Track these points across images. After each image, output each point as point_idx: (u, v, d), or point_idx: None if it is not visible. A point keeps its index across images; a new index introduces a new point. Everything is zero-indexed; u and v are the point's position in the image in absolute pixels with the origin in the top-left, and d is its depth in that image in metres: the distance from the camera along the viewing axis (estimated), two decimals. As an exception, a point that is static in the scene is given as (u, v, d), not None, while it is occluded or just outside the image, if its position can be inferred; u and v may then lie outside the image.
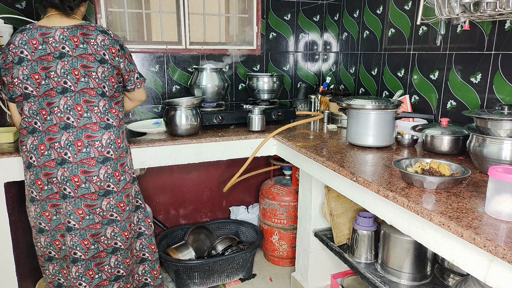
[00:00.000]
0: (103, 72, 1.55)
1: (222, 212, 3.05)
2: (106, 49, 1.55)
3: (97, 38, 1.53)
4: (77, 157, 1.53)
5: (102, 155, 1.57)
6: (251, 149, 2.24)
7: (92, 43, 1.53)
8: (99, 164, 1.57)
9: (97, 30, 1.55)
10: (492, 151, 1.43)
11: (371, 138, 1.88)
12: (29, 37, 1.51)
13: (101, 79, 1.55)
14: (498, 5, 1.51)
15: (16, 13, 2.28)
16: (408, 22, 2.32)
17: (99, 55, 1.53)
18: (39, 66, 1.51)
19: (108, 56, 1.55)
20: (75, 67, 1.51)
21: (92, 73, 1.53)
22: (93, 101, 1.55)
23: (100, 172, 1.57)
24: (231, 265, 2.41)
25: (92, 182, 1.56)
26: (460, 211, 1.15)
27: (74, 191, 1.55)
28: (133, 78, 1.70)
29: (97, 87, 1.55)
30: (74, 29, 1.53)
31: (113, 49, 1.56)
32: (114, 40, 1.58)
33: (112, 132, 1.60)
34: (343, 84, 2.99)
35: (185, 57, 2.74)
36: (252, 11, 2.88)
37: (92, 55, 1.52)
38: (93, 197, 1.58)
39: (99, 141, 1.56)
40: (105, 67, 1.55)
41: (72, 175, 1.54)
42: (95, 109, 1.56)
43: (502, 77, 1.79)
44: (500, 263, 0.99)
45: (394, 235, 1.71)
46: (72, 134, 1.53)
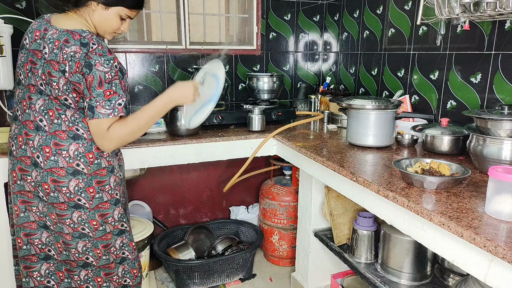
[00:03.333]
0: (64, 84, 1.38)
1: (222, 212, 3.05)
2: (71, 61, 1.36)
3: (71, 47, 1.36)
4: (47, 164, 1.43)
5: (71, 167, 1.44)
6: (251, 149, 2.24)
7: (64, 52, 1.36)
8: (69, 175, 1.44)
9: (80, 41, 1.37)
10: (492, 151, 1.43)
11: (371, 138, 1.88)
12: (37, 26, 1.46)
13: (61, 91, 1.39)
14: (498, 5, 1.51)
15: (16, 13, 2.29)
16: (408, 22, 2.32)
17: (64, 65, 1.36)
18: (29, 58, 1.44)
19: (68, 69, 1.36)
20: (44, 72, 1.40)
21: (53, 83, 1.39)
22: (60, 109, 1.43)
23: (70, 184, 1.44)
24: (231, 265, 2.41)
25: (61, 192, 1.45)
26: (460, 211, 1.15)
27: (45, 196, 1.47)
28: (84, 105, 1.43)
29: (60, 98, 1.41)
30: (64, 33, 1.39)
31: (79, 64, 1.36)
32: (86, 56, 1.36)
33: (81, 144, 1.45)
34: (343, 84, 2.99)
35: (185, 57, 2.74)
36: (252, 11, 2.88)
37: (57, 63, 1.37)
38: (62, 207, 1.47)
39: (66, 151, 1.43)
40: (67, 79, 1.38)
41: (43, 182, 1.44)
42: (62, 117, 1.43)
43: (502, 77, 1.79)
44: (500, 263, 0.99)
45: (394, 235, 1.71)
46: (42, 137, 1.43)
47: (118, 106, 1.41)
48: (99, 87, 1.37)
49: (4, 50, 2.16)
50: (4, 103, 2.36)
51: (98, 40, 1.40)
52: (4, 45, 2.15)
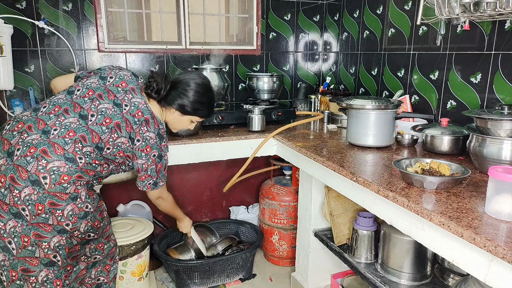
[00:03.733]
0: (123, 143, 1.57)
1: (222, 212, 3.05)
2: (144, 142, 1.58)
3: (149, 133, 1.58)
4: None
5: (36, 174, 1.38)
6: (251, 149, 2.24)
7: (142, 129, 1.57)
8: (28, 182, 1.37)
9: (158, 132, 1.60)
10: (492, 151, 1.43)
11: (371, 138, 1.88)
12: (119, 73, 1.65)
13: (114, 143, 1.55)
14: (498, 5, 1.51)
15: (16, 13, 2.29)
16: (408, 22, 2.32)
17: (134, 134, 1.57)
18: (98, 93, 1.55)
19: (139, 145, 1.59)
20: (110, 116, 1.54)
21: (115, 133, 1.54)
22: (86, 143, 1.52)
23: (23, 191, 1.36)
24: (231, 265, 2.41)
25: (11, 193, 1.36)
26: (460, 211, 1.15)
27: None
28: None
29: (105, 147, 1.55)
30: (148, 111, 1.59)
31: (150, 150, 1.60)
32: (159, 148, 1.62)
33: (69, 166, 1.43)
34: (343, 84, 2.99)
35: (185, 57, 2.74)
36: (252, 11, 2.88)
37: (131, 128, 1.56)
38: (4, 208, 1.37)
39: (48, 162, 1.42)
40: (130, 144, 1.58)
41: (6, 173, 1.38)
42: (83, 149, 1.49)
43: (502, 77, 1.79)
44: (500, 263, 0.99)
45: (394, 235, 1.71)
46: (50, 159, 1.43)
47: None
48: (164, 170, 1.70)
49: (4, 50, 2.16)
50: (4, 103, 2.36)
51: (167, 138, 1.67)
52: (4, 45, 2.15)
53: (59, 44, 2.44)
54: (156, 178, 1.69)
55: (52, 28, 2.39)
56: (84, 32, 2.48)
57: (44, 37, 2.40)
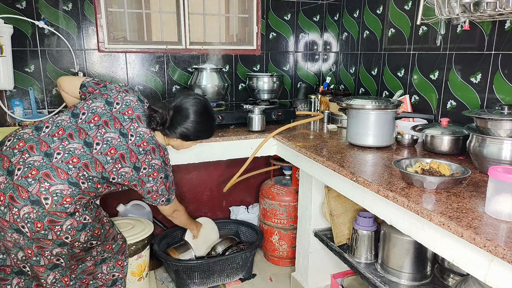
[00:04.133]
0: (126, 172, 1.58)
1: (222, 212, 3.05)
2: (150, 169, 1.62)
3: (155, 160, 1.62)
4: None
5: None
6: (251, 149, 2.24)
7: (148, 158, 1.60)
8: (28, 201, 1.40)
9: (163, 159, 1.65)
10: (492, 151, 1.43)
11: (371, 138, 1.88)
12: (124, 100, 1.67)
13: (118, 171, 1.56)
14: (498, 5, 1.51)
15: (16, 13, 2.29)
16: (408, 22, 2.32)
17: (140, 163, 1.59)
18: (104, 119, 1.56)
19: (144, 173, 1.62)
20: (115, 147, 1.54)
21: (119, 163, 1.55)
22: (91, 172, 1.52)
23: (22, 209, 1.38)
24: (231, 265, 2.41)
25: (10, 212, 1.38)
26: (460, 211, 1.15)
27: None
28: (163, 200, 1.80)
29: (108, 175, 1.55)
30: (153, 141, 1.63)
31: (157, 175, 1.65)
32: (165, 171, 1.69)
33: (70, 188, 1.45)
34: (343, 84, 2.99)
35: (185, 57, 2.74)
36: (252, 11, 2.88)
37: (136, 157, 1.58)
38: (4, 224, 1.40)
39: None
40: (134, 173, 1.59)
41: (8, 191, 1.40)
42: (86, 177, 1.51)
43: (502, 77, 1.79)
44: (500, 263, 0.99)
45: (394, 235, 1.71)
46: (51, 181, 1.44)
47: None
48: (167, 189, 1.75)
49: (4, 50, 2.16)
50: (4, 103, 2.36)
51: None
52: (4, 45, 2.16)
53: (59, 44, 2.44)
54: (168, 195, 1.76)
55: (52, 28, 2.39)
56: (84, 32, 2.48)
57: (44, 37, 2.40)
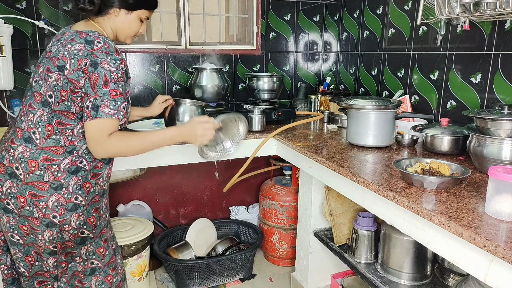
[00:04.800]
0: (56, 80, 1.33)
1: (222, 212, 3.05)
2: (73, 59, 1.31)
3: (75, 45, 1.32)
4: (29, 177, 1.34)
5: (11, 167, 1.34)
6: (251, 149, 2.24)
7: (67, 48, 1.33)
8: (6, 175, 1.34)
9: (85, 39, 1.33)
10: (492, 151, 1.43)
11: (371, 138, 1.88)
12: (60, 33, 1.46)
13: (50, 87, 1.34)
14: (498, 5, 1.52)
15: (16, 13, 2.29)
16: (408, 22, 2.32)
17: (62, 61, 1.32)
18: (47, 66, 1.39)
19: (70, 66, 1.31)
20: (43, 69, 1.37)
21: (48, 78, 1.34)
22: (33, 108, 1.36)
23: (4, 185, 1.34)
24: (231, 265, 2.41)
25: (37, 207, 1.35)
26: (460, 211, 1.15)
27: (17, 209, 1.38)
28: (84, 105, 1.33)
29: (44, 94, 1.35)
30: (73, 33, 1.38)
31: (81, 61, 1.30)
32: (91, 54, 1.31)
33: (29, 148, 1.33)
34: (343, 84, 2.99)
35: (185, 57, 2.74)
36: (252, 11, 2.88)
37: (57, 59, 1.33)
38: (35, 223, 1.37)
39: (13, 150, 1.35)
40: (61, 75, 1.32)
41: (19, 194, 1.36)
42: (29, 116, 1.36)
43: (502, 77, 1.79)
44: (500, 263, 0.99)
45: (394, 235, 1.71)
46: (31, 151, 1.35)
47: (122, 109, 1.35)
48: (105, 86, 1.30)
49: (4, 50, 2.16)
50: (4, 103, 2.36)
51: (104, 39, 1.35)
52: (4, 45, 2.16)
53: (59, 44, 2.44)
54: (95, 98, 1.31)
55: (52, 28, 2.38)
56: (84, 32, 2.48)
57: (44, 37, 2.40)
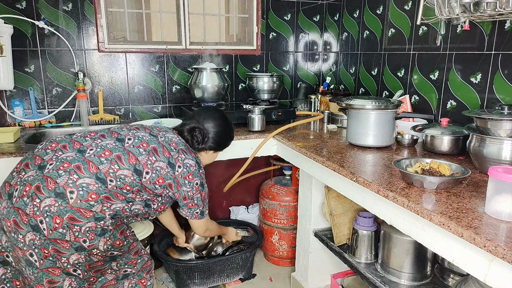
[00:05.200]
0: (161, 185, 1.55)
1: (222, 212, 3.05)
2: (189, 183, 1.63)
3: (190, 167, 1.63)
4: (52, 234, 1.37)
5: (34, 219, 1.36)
6: (251, 149, 2.24)
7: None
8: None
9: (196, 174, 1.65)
10: (492, 151, 1.43)
11: (371, 138, 1.88)
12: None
13: (157, 188, 1.55)
14: (498, 5, 1.51)
15: (16, 13, 2.29)
16: (408, 22, 2.32)
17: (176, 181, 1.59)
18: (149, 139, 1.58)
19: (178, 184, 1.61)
20: (149, 159, 1.53)
21: (157, 176, 1.53)
22: (83, 173, 1.43)
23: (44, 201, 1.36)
24: (231, 265, 2.41)
25: (32, 202, 1.36)
26: (460, 211, 1.15)
27: (17, 197, 1.39)
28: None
29: (148, 192, 1.55)
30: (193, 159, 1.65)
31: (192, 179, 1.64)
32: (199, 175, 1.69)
33: (58, 203, 1.37)
34: (343, 84, 2.99)
35: (185, 57, 2.74)
36: (252, 11, 2.88)
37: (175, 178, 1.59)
38: (24, 218, 1.36)
39: (39, 201, 1.38)
40: (173, 189, 1.60)
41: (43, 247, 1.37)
42: (73, 176, 1.42)
43: (502, 77, 1.79)
44: (500, 263, 0.99)
45: (394, 235, 1.71)
46: (60, 207, 1.39)
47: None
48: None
49: (4, 50, 2.16)
50: (4, 103, 2.36)
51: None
52: (4, 45, 2.16)
53: (59, 44, 2.44)
54: (202, 207, 1.73)
55: (52, 28, 2.39)
56: (84, 32, 2.48)
57: (44, 37, 2.40)
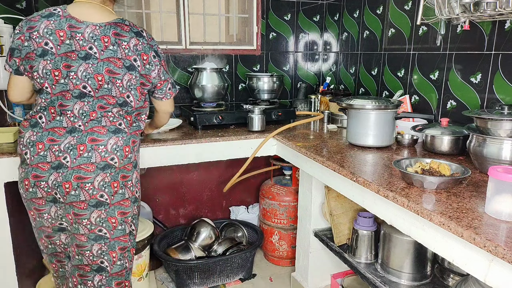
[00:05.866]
0: (129, 80, 1.42)
1: (222, 212, 3.05)
2: (137, 55, 1.42)
3: (130, 42, 1.40)
4: (76, 161, 1.39)
5: (104, 161, 1.41)
6: (251, 149, 2.24)
7: (123, 46, 1.39)
8: (98, 170, 1.41)
9: (131, 31, 1.42)
10: (492, 151, 1.43)
11: (371, 138, 1.88)
12: (56, 26, 1.35)
13: (125, 88, 1.42)
14: (498, 5, 1.51)
15: (16, 13, 2.29)
16: (408, 22, 2.32)
17: (129, 60, 1.40)
18: (63, 63, 1.36)
19: (139, 62, 1.43)
20: (99, 72, 1.37)
21: (117, 80, 1.40)
22: (107, 107, 1.43)
23: (96, 179, 1.41)
24: (231, 265, 2.41)
25: (83, 189, 1.40)
26: (460, 211, 1.15)
27: (63, 197, 1.42)
28: (165, 88, 1.59)
29: (119, 96, 1.42)
30: (107, 27, 1.38)
31: (145, 56, 1.44)
32: (149, 45, 1.45)
33: (120, 137, 1.45)
34: (343, 84, 2.99)
35: (185, 57, 2.74)
36: (252, 11, 2.88)
37: (120, 60, 1.39)
38: (81, 206, 1.42)
39: (104, 146, 1.41)
40: (133, 74, 1.42)
41: (64, 181, 1.39)
42: (108, 114, 1.43)
43: (502, 77, 1.79)
44: (500, 263, 0.99)
45: (394, 235, 1.71)
46: (77, 138, 1.40)
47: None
48: (167, 68, 1.61)
49: (4, 50, 2.15)
50: (4, 103, 2.36)
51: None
52: (4, 45, 2.15)
53: (59, 44, 2.43)
54: (170, 79, 1.62)
55: (52, 28, 2.38)
56: (84, 32, 2.48)
57: (44, 37, 2.40)
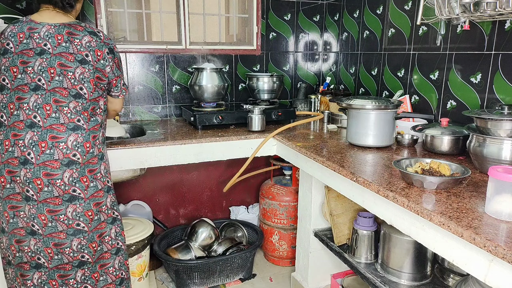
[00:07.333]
0: (82, 73, 1.50)
1: (222, 212, 3.05)
2: (90, 51, 1.51)
3: (82, 39, 1.50)
4: (40, 158, 1.46)
5: (67, 158, 1.49)
6: (251, 149, 2.24)
7: (76, 43, 1.49)
8: (64, 166, 1.48)
9: (85, 30, 1.52)
10: (492, 151, 1.43)
11: (371, 138, 1.88)
12: (18, 29, 1.50)
13: (78, 80, 1.50)
14: (498, 5, 1.52)
15: (16, 13, 2.28)
16: (408, 22, 2.32)
17: (81, 55, 1.50)
18: (19, 60, 1.47)
19: (92, 57, 1.51)
20: (52, 65, 1.47)
21: (68, 73, 1.48)
22: (63, 101, 1.49)
23: (64, 175, 1.48)
24: (231, 265, 2.41)
25: (55, 186, 1.48)
26: (460, 211, 1.15)
27: (36, 194, 1.48)
28: (119, 84, 1.67)
29: (71, 88, 1.49)
30: (61, 27, 1.50)
31: (99, 52, 1.53)
32: (103, 43, 1.55)
33: (80, 134, 1.52)
34: (343, 84, 2.99)
35: (185, 57, 2.74)
36: (252, 11, 2.88)
37: (72, 55, 1.48)
38: (56, 202, 1.49)
39: (64, 143, 1.49)
40: (86, 68, 1.50)
41: (35, 177, 1.47)
42: (64, 109, 1.49)
43: (502, 77, 1.79)
44: (500, 263, 0.99)
45: (394, 235, 1.71)
46: (37, 134, 1.47)
47: None
48: (121, 66, 1.66)
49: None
50: None
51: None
52: None
53: (59, 44, 2.43)
54: (122, 75, 1.68)
55: (52, 28, 2.38)
56: (84, 32, 2.48)
57: (44, 37, 2.40)
